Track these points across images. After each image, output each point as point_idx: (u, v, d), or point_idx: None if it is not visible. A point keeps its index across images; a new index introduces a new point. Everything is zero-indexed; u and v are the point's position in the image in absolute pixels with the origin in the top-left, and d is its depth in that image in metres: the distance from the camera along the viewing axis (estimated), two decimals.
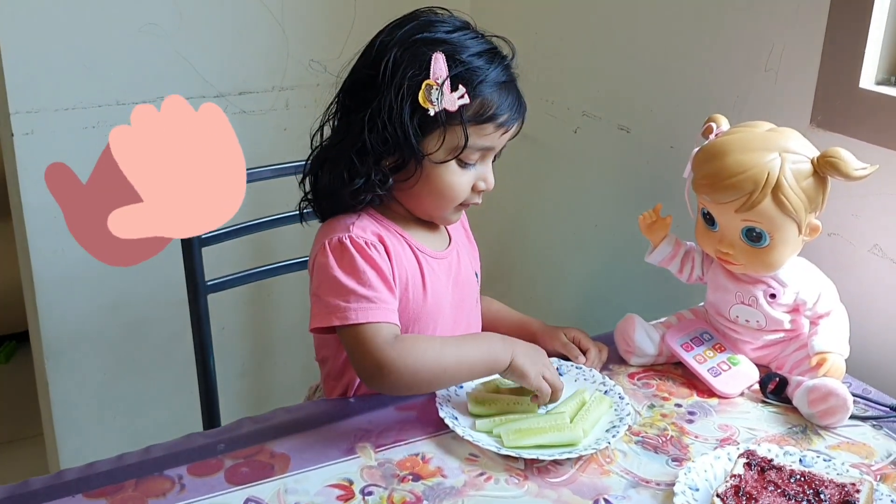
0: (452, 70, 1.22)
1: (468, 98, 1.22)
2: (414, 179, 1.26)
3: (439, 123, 1.22)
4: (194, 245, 1.57)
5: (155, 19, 1.83)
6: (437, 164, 1.25)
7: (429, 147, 1.24)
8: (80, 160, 1.80)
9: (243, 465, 1.14)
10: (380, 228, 1.29)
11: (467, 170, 1.28)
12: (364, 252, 1.23)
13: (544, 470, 1.14)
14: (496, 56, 1.27)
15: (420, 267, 1.31)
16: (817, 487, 1.07)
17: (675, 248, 1.40)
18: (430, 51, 1.21)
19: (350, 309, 1.20)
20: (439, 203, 1.29)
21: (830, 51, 1.42)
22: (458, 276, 1.37)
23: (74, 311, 1.92)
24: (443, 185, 1.27)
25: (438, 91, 1.21)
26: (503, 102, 1.25)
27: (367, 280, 1.21)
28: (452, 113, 1.22)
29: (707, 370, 1.31)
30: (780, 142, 1.24)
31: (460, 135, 1.23)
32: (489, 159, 1.30)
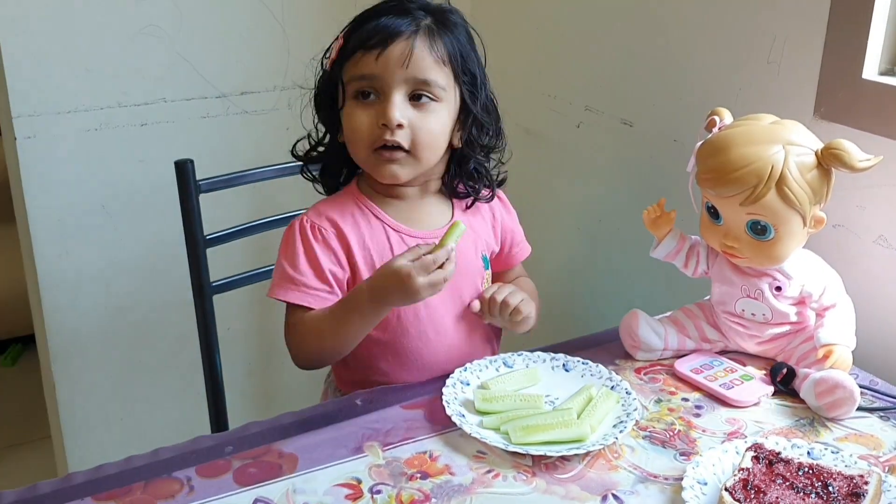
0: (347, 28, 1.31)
1: (342, 40, 1.30)
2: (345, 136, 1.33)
3: (335, 76, 1.30)
4: (199, 246, 1.57)
5: (155, 21, 1.82)
6: (343, 113, 1.31)
7: (339, 100, 1.32)
8: (83, 163, 1.83)
9: (251, 466, 1.14)
10: (349, 208, 1.34)
11: (369, 109, 1.28)
12: (305, 237, 1.32)
13: (552, 466, 1.14)
14: (392, 1, 1.31)
15: (390, 244, 1.34)
16: (826, 480, 1.07)
17: (680, 243, 1.40)
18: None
19: (276, 285, 1.33)
20: (354, 149, 1.32)
21: (833, 42, 1.41)
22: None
23: (80, 313, 1.92)
24: (347, 128, 1.31)
25: (328, 50, 1.33)
26: (371, 27, 1.27)
27: (296, 263, 1.31)
28: (336, 60, 1.30)
29: (719, 386, 1.30)
30: (784, 134, 1.23)
31: (341, 76, 1.30)
32: (391, 92, 1.27)
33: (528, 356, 1.36)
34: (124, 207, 1.90)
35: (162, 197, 1.82)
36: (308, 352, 1.32)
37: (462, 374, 1.31)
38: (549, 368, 1.35)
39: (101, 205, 1.88)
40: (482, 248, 1.43)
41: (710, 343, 1.39)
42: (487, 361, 1.35)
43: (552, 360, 1.36)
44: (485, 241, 1.44)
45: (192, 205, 1.55)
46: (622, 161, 1.85)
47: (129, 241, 1.93)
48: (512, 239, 1.49)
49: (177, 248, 1.61)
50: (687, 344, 1.39)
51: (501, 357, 1.36)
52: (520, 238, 1.51)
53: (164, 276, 1.95)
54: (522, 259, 1.53)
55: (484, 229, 1.44)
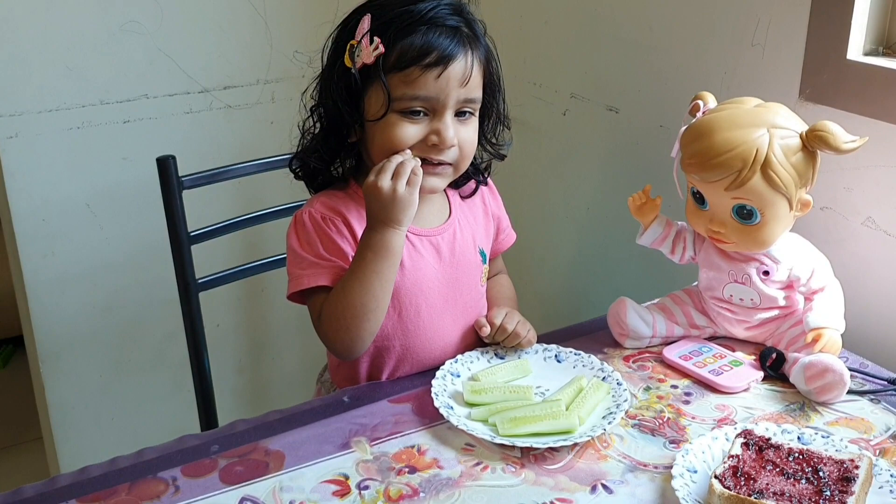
0: (374, 26, 1.24)
1: (382, 48, 1.22)
2: (368, 144, 1.28)
3: (369, 81, 1.24)
4: (183, 243, 1.56)
5: (136, 17, 1.81)
6: (378, 122, 1.25)
7: (368, 108, 1.26)
8: (66, 162, 1.82)
9: (237, 465, 1.13)
10: (354, 205, 1.30)
11: (415, 123, 1.24)
12: (319, 227, 1.28)
13: (541, 457, 1.14)
14: (425, 8, 1.25)
15: None
16: (816, 465, 1.06)
17: (666, 229, 1.39)
18: (361, 16, 1.25)
19: (300, 276, 1.27)
20: (390, 152, 1.25)
21: (817, 23, 1.40)
22: (453, 253, 1.35)
23: (67, 313, 1.90)
24: (384, 140, 1.25)
25: (358, 48, 1.24)
26: (426, 44, 1.22)
27: (318, 251, 1.27)
28: (375, 67, 1.23)
29: (709, 372, 1.29)
30: (768, 117, 1.22)
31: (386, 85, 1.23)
32: (444, 112, 1.24)
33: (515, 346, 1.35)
34: (109, 206, 1.89)
35: (146, 194, 1.81)
36: (345, 327, 1.23)
37: (452, 366, 1.30)
38: (541, 359, 1.34)
39: (85, 203, 1.87)
40: (480, 242, 1.41)
41: (699, 329, 1.38)
42: (479, 353, 1.34)
43: (544, 352, 1.35)
44: (482, 235, 1.42)
45: (175, 201, 1.54)
46: (609, 148, 1.84)
47: (115, 240, 1.91)
48: (498, 226, 1.48)
49: (162, 245, 1.60)
50: (675, 331, 1.38)
51: (492, 349, 1.35)
52: (505, 225, 1.49)
53: (150, 274, 1.94)
54: (508, 247, 1.51)
55: (480, 222, 1.43)
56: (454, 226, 1.37)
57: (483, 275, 1.41)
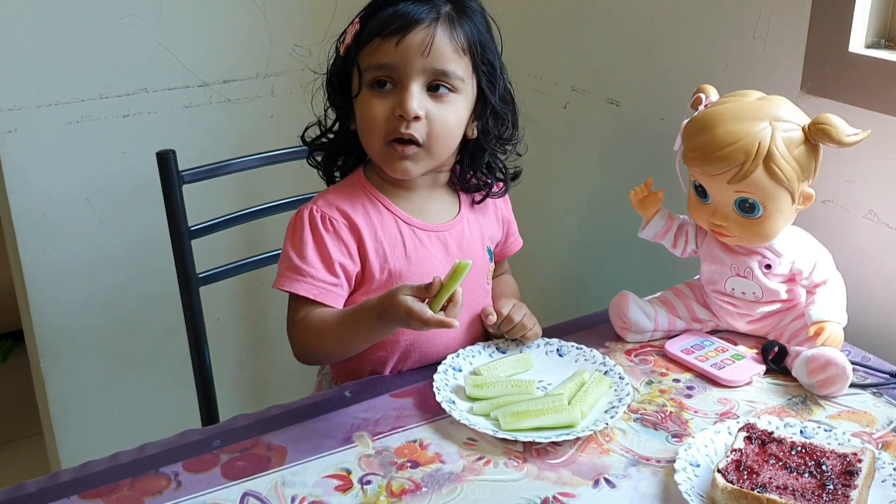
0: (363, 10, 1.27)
1: (358, 25, 1.25)
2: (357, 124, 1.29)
3: (351, 62, 1.26)
4: (183, 237, 1.56)
5: (135, 11, 1.80)
6: (357, 102, 1.27)
7: (353, 87, 1.27)
8: (66, 156, 1.81)
9: (239, 460, 1.12)
10: (360, 199, 1.30)
11: (383, 97, 1.24)
12: (315, 227, 1.27)
13: (543, 451, 1.13)
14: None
15: (402, 237, 1.30)
16: (819, 459, 1.06)
17: (668, 223, 1.39)
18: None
19: (282, 275, 1.27)
20: (367, 140, 1.27)
21: (818, 15, 1.40)
22: (461, 249, 1.34)
23: (67, 308, 1.90)
24: (361, 118, 1.27)
25: (345, 32, 1.28)
26: (391, 14, 1.22)
27: (305, 254, 1.26)
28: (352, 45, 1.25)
29: (710, 366, 1.29)
30: (771, 110, 1.22)
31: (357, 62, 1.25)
32: (408, 83, 1.22)
33: (521, 342, 1.35)
34: (109, 200, 1.88)
35: (146, 189, 1.80)
36: (310, 350, 1.27)
37: (454, 360, 1.30)
38: (543, 354, 1.33)
39: (85, 198, 1.86)
40: (488, 240, 1.40)
41: (701, 323, 1.38)
42: (480, 347, 1.33)
43: (546, 346, 1.34)
44: (490, 234, 1.41)
45: (175, 196, 1.54)
46: (610, 141, 1.84)
47: (115, 234, 1.91)
48: (507, 230, 1.47)
49: (163, 240, 1.59)
50: (677, 324, 1.37)
51: (495, 343, 1.35)
52: (514, 230, 1.48)
53: (150, 268, 1.93)
54: (514, 252, 1.50)
55: (489, 220, 1.42)
56: (462, 223, 1.36)
57: (489, 273, 1.41)
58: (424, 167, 1.28)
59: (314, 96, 1.33)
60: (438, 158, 1.29)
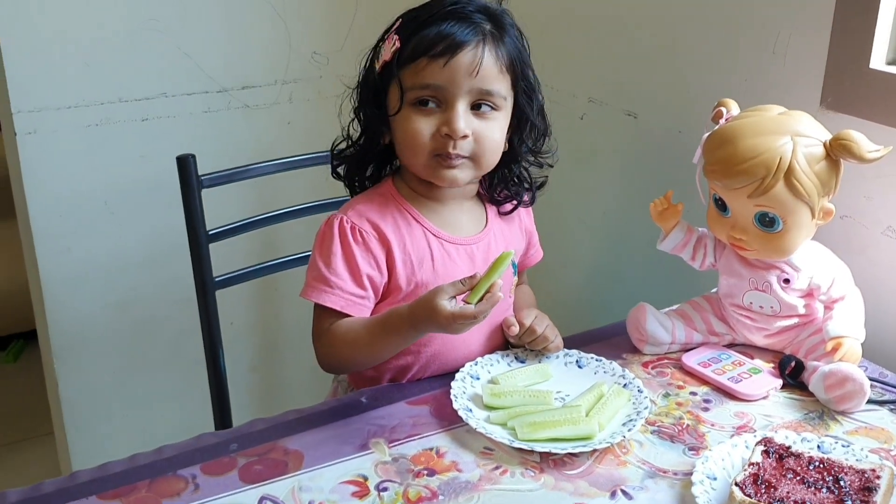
0: (399, 24, 1.27)
1: (399, 43, 1.24)
2: (394, 140, 1.29)
3: (390, 78, 1.26)
4: (201, 241, 1.56)
5: (156, 15, 1.81)
6: (396, 118, 1.26)
7: (389, 106, 1.28)
8: (84, 158, 1.82)
9: (257, 464, 1.13)
10: (390, 210, 1.30)
11: (427, 115, 1.24)
12: (344, 238, 1.27)
13: (560, 462, 1.13)
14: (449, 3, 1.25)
15: (430, 250, 1.30)
16: (837, 474, 1.06)
17: (687, 235, 1.39)
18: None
19: (310, 286, 1.27)
20: (410, 155, 1.27)
21: (839, 31, 1.40)
22: (487, 263, 1.31)
23: (82, 309, 1.91)
24: (403, 134, 1.26)
25: (381, 48, 1.27)
26: (437, 34, 1.22)
27: (333, 265, 1.26)
28: (392, 62, 1.25)
29: (727, 379, 1.29)
30: (792, 125, 1.22)
31: (398, 80, 1.25)
32: (455, 102, 1.23)
33: (540, 352, 1.35)
34: (126, 203, 1.89)
35: (163, 192, 1.81)
36: (338, 359, 1.28)
37: (472, 369, 1.30)
38: (562, 364, 1.33)
39: (102, 200, 1.87)
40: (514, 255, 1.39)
41: (718, 336, 1.38)
42: (499, 356, 1.33)
43: (565, 357, 1.34)
44: (515, 246, 1.41)
45: (194, 200, 1.54)
46: (627, 153, 1.84)
47: (131, 237, 1.92)
48: (529, 241, 1.47)
49: (179, 243, 1.60)
50: (694, 337, 1.37)
51: (514, 352, 1.35)
52: (535, 241, 1.49)
53: (166, 271, 1.94)
54: (534, 263, 1.50)
55: (514, 233, 1.42)
56: (489, 236, 1.36)
57: (513, 286, 1.41)
58: (470, 176, 1.30)
59: (341, 107, 1.33)
60: (485, 169, 1.31)
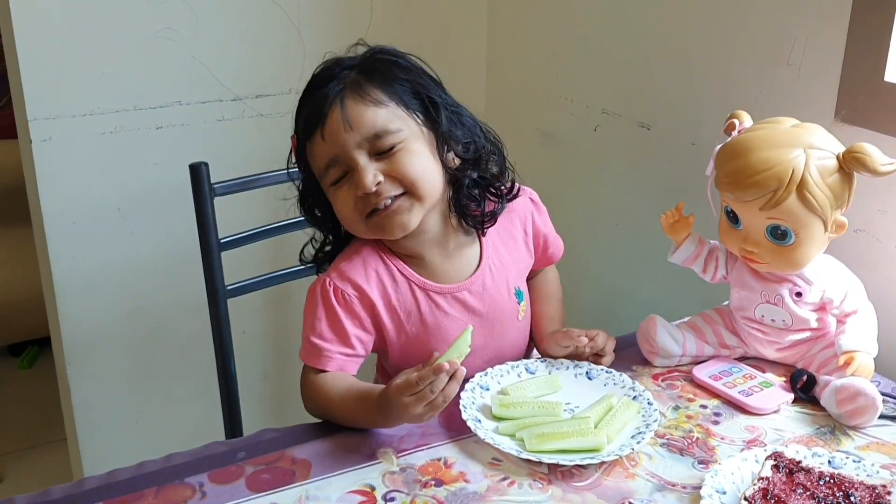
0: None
1: (294, 140, 1.29)
2: None
3: (308, 177, 1.30)
4: (213, 249, 1.56)
5: (171, 24, 1.82)
6: (333, 202, 1.28)
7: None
8: (98, 166, 1.83)
9: (264, 472, 1.13)
10: (373, 266, 1.29)
11: (344, 188, 1.24)
12: (327, 301, 1.28)
13: (568, 474, 1.13)
14: (314, 78, 1.29)
15: (417, 302, 1.30)
16: (847, 490, 1.05)
17: (699, 248, 1.38)
18: None
19: (303, 347, 1.29)
20: (353, 229, 1.28)
21: (854, 44, 1.39)
22: (483, 303, 1.33)
23: (95, 316, 1.91)
24: (339, 216, 1.28)
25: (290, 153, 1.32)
26: (305, 113, 1.25)
27: (318, 329, 1.27)
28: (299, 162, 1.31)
29: (738, 393, 1.28)
30: (805, 137, 1.21)
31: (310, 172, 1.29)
32: (354, 163, 1.21)
33: (550, 363, 1.35)
34: (139, 210, 1.90)
35: (177, 200, 1.82)
36: (318, 413, 1.26)
37: (482, 379, 1.29)
38: (572, 376, 1.33)
39: (116, 208, 1.88)
40: (514, 282, 1.37)
41: (729, 349, 1.37)
42: (509, 367, 1.33)
43: (575, 368, 1.34)
44: (519, 269, 1.39)
45: (206, 208, 1.55)
46: (639, 164, 1.84)
47: (144, 244, 1.92)
48: (545, 241, 1.44)
49: (191, 251, 1.60)
50: (705, 350, 1.37)
51: (524, 363, 1.34)
52: (553, 237, 1.45)
53: (178, 278, 1.95)
54: (558, 258, 1.48)
55: (519, 253, 1.39)
56: (484, 274, 1.33)
57: (520, 312, 1.38)
58: (419, 213, 1.25)
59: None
60: (430, 200, 1.25)
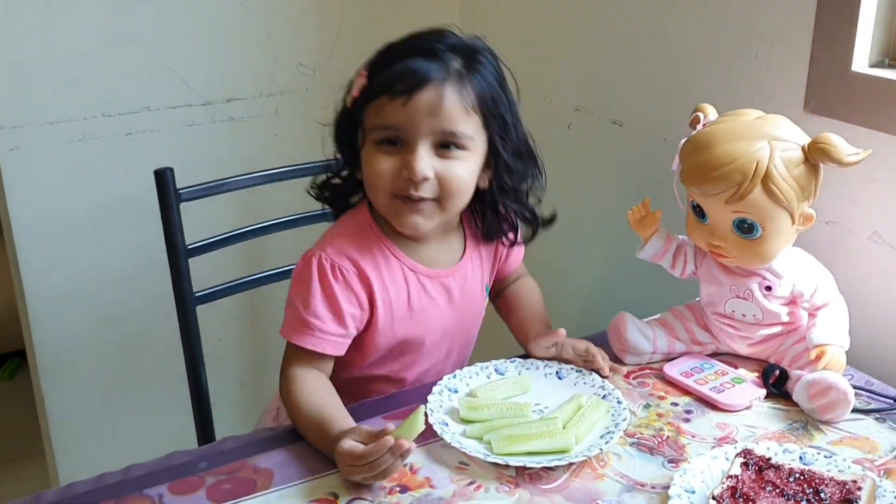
0: (372, 59, 1.23)
1: (365, 80, 1.21)
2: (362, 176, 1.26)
3: (358, 115, 1.22)
4: (180, 255, 1.54)
5: (137, 29, 1.80)
6: (362, 154, 1.24)
7: (359, 142, 1.24)
8: (67, 174, 1.81)
9: (225, 482, 1.10)
10: (368, 245, 1.26)
11: (389, 155, 1.20)
12: (324, 277, 1.23)
13: (536, 476, 1.11)
14: (421, 40, 1.22)
15: (407, 284, 1.28)
16: (817, 486, 1.03)
17: (667, 243, 1.37)
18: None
19: (290, 325, 1.25)
20: (373, 195, 1.24)
21: (821, 34, 1.38)
22: (463, 294, 1.32)
23: (68, 326, 1.89)
24: (366, 173, 1.24)
25: (353, 83, 1.24)
26: (399, 72, 1.18)
27: (312, 306, 1.22)
28: (358, 99, 1.22)
29: (710, 389, 1.26)
30: (769, 129, 1.20)
31: (362, 117, 1.22)
32: (415, 143, 1.18)
33: (520, 363, 1.33)
34: (111, 218, 1.88)
35: (148, 207, 1.78)
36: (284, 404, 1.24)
37: (451, 382, 1.28)
38: (542, 376, 1.31)
39: (86, 216, 1.86)
40: (486, 279, 1.37)
41: (701, 345, 1.35)
42: (478, 368, 1.31)
43: (545, 368, 1.32)
44: (489, 271, 1.38)
45: (172, 214, 1.53)
46: (613, 161, 1.82)
47: (116, 252, 1.90)
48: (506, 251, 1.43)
49: (164, 258, 1.58)
50: (676, 346, 1.35)
51: (493, 364, 1.32)
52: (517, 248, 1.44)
53: (152, 286, 1.92)
54: (520, 260, 1.47)
55: (489, 254, 1.38)
56: (467, 265, 1.33)
57: (483, 310, 1.39)
58: (436, 222, 1.25)
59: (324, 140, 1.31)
60: (451, 213, 1.26)
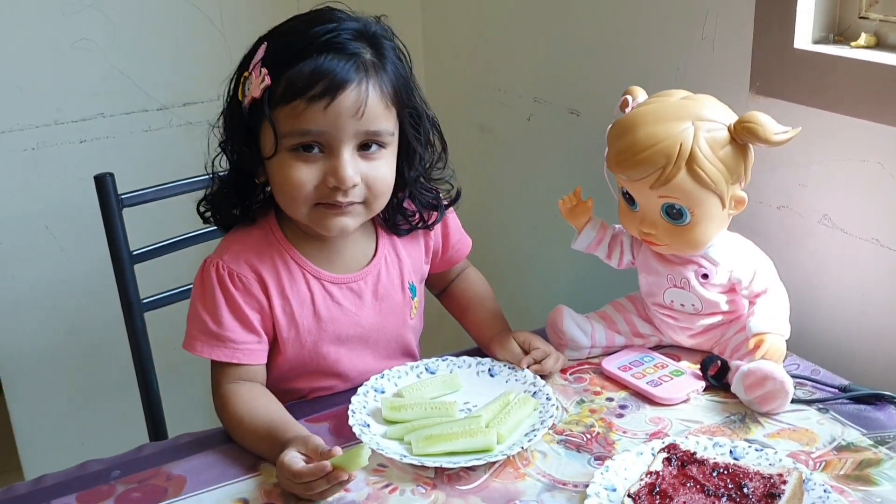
0: (268, 54, 1.13)
1: (269, 79, 1.11)
2: (270, 183, 1.18)
3: (260, 116, 1.13)
4: (124, 262, 1.52)
5: (87, 34, 1.78)
6: (273, 162, 1.15)
7: (263, 146, 1.15)
8: (22, 184, 1.79)
9: (135, 491, 1.08)
10: (268, 251, 1.21)
11: (309, 162, 1.13)
12: (224, 285, 1.19)
13: (455, 477, 1.07)
14: (323, 31, 1.12)
15: (311, 293, 1.23)
16: (740, 481, 0.98)
17: (601, 233, 1.32)
18: (260, 44, 1.15)
19: (198, 339, 1.20)
20: (290, 204, 1.16)
21: (763, 11, 1.33)
22: (377, 295, 1.27)
23: (28, 338, 1.88)
24: (281, 182, 1.15)
25: (248, 80, 1.14)
26: (313, 72, 1.09)
27: (220, 317, 1.18)
28: (263, 100, 1.11)
29: (646, 383, 1.21)
30: (694, 110, 1.15)
31: (270, 120, 1.12)
32: (340, 148, 1.12)
33: (452, 361, 1.29)
34: (68, 227, 1.86)
35: None
36: (222, 422, 1.20)
37: (377, 382, 1.24)
38: (474, 374, 1.27)
39: (44, 226, 1.84)
40: (409, 277, 1.31)
41: (643, 338, 1.31)
42: (408, 367, 1.27)
43: (478, 365, 1.28)
44: (415, 266, 1.32)
45: (114, 220, 1.50)
46: (572, 151, 1.78)
47: (76, 261, 1.88)
48: (446, 244, 1.38)
49: None
50: (616, 340, 1.30)
51: (424, 362, 1.28)
52: (456, 239, 1.39)
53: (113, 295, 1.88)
54: (465, 254, 1.42)
55: (415, 253, 1.33)
56: (379, 265, 1.28)
57: (413, 309, 1.32)
58: (361, 221, 1.20)
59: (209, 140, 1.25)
60: (376, 212, 1.22)
